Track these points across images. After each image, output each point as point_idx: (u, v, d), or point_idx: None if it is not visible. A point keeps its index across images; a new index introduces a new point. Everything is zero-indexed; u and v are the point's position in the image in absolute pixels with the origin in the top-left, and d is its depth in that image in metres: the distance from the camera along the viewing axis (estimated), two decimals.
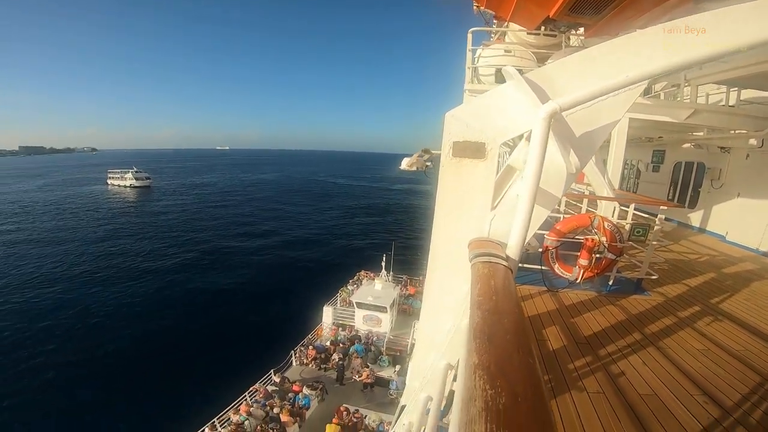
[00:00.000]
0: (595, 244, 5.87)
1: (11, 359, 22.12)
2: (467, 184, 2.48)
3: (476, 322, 1.30)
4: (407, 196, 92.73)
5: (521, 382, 0.93)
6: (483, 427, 0.75)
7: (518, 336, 1.19)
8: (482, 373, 0.96)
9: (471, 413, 0.82)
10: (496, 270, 1.87)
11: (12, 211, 67.15)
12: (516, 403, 0.84)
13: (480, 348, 1.12)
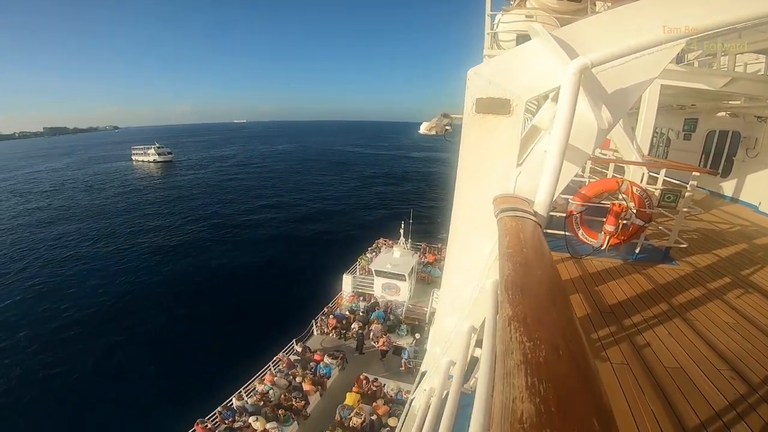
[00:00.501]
0: (622, 210, 5.60)
1: (50, 328, 23.53)
2: (491, 141, 2.44)
3: (507, 274, 1.25)
4: (425, 163, 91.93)
5: (561, 334, 0.88)
6: (523, 381, 0.71)
7: (553, 288, 1.15)
8: (518, 325, 0.92)
9: (508, 366, 0.77)
10: (525, 224, 1.82)
11: (42, 189, 69.95)
12: (557, 356, 0.79)
13: (513, 300, 1.07)
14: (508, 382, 0.73)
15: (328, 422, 11.72)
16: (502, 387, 0.74)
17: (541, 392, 0.68)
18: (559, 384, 0.71)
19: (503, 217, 1.93)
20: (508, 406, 0.67)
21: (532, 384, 0.70)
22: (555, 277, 1.25)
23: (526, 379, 0.72)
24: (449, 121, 6.29)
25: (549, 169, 1.94)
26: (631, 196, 5.70)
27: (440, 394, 2.50)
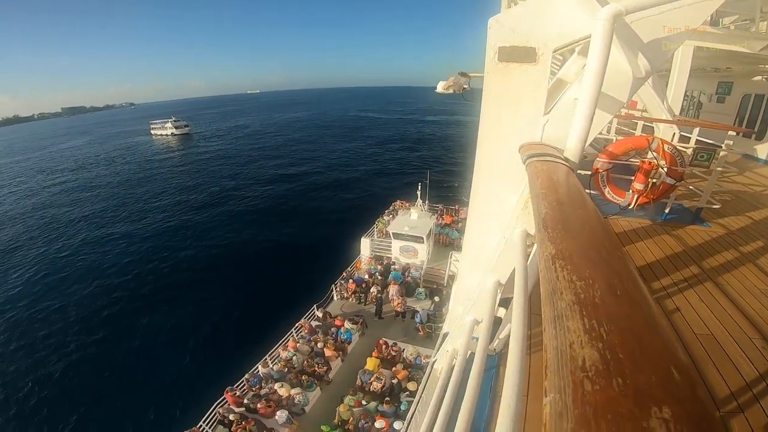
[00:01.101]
0: (652, 168, 5.34)
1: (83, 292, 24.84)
2: (516, 89, 2.34)
3: (544, 213, 1.18)
4: (441, 127, 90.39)
5: (615, 274, 0.79)
6: (580, 324, 0.64)
7: (598, 226, 1.06)
8: (564, 263, 0.85)
9: (559, 307, 0.71)
10: (557, 167, 1.74)
11: (67, 167, 71.72)
12: (615, 297, 0.71)
13: (555, 237, 0.99)
14: (561, 325, 0.66)
15: (349, 387, 11.97)
16: (554, 331, 0.66)
17: (603, 336, 0.60)
18: (624, 327, 0.63)
19: (532, 162, 1.86)
20: (565, 352, 0.60)
21: (590, 327, 0.63)
22: (598, 216, 1.15)
23: (582, 321, 0.65)
24: (467, 80, 6.09)
25: (580, 116, 1.85)
26: (662, 154, 5.42)
27: (464, 354, 2.47)
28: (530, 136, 2.39)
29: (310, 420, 11.29)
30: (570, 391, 0.52)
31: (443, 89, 6.43)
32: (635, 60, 2.04)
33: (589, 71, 1.76)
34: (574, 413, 0.48)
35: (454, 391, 2.07)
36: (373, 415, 10.64)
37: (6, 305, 24.38)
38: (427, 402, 3.65)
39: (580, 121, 1.86)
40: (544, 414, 0.53)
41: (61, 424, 15.35)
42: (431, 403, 2.32)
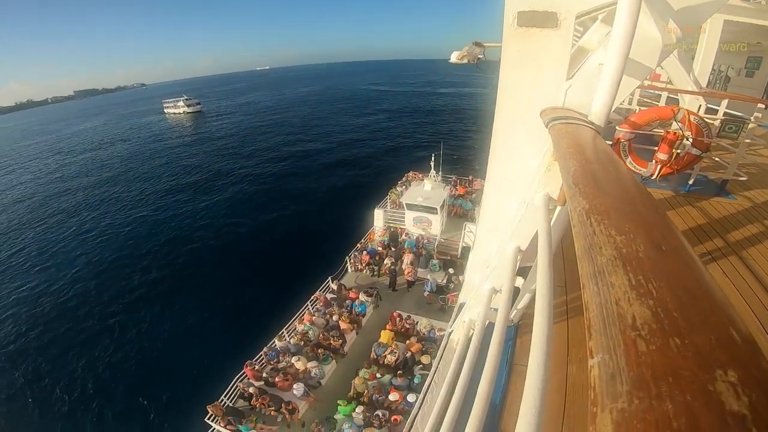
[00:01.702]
0: (677, 138, 5.18)
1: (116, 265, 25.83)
2: (536, 55, 2.31)
3: (573, 170, 1.15)
4: (454, 99, 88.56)
5: (657, 229, 0.75)
6: (625, 279, 0.60)
7: (632, 183, 1.03)
8: (600, 217, 0.81)
9: (599, 262, 0.67)
10: (582, 130, 1.70)
11: (84, 147, 73.03)
12: (661, 252, 0.66)
13: (587, 193, 0.96)
14: (604, 281, 0.62)
15: (363, 360, 12.10)
16: (596, 287, 0.62)
17: (653, 293, 0.56)
18: (674, 284, 0.58)
19: (556, 125, 1.82)
20: (611, 309, 0.56)
21: (637, 283, 0.58)
22: (630, 174, 1.11)
23: (627, 276, 0.60)
24: (481, 50, 5.93)
25: (606, 81, 1.78)
26: (687, 125, 5.26)
27: (482, 324, 2.47)
28: (551, 101, 2.35)
29: (326, 392, 11.54)
30: (621, 351, 0.49)
31: (457, 59, 6.32)
32: (665, 27, 2.01)
33: (616, 36, 1.69)
34: (630, 375, 0.45)
35: (472, 362, 2.06)
36: (387, 388, 10.82)
37: (32, 283, 25.39)
38: (443, 374, 3.65)
39: (606, 86, 1.79)
40: (591, 377, 0.49)
41: (83, 399, 16.06)
42: (448, 375, 2.33)
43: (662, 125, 5.82)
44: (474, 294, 3.59)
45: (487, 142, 2.88)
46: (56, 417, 15.50)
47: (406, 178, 23.53)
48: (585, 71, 2.25)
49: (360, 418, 10.12)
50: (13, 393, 16.84)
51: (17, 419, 15.62)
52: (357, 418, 10.17)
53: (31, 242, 31.79)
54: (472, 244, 16.54)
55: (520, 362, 3.28)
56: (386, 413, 10.11)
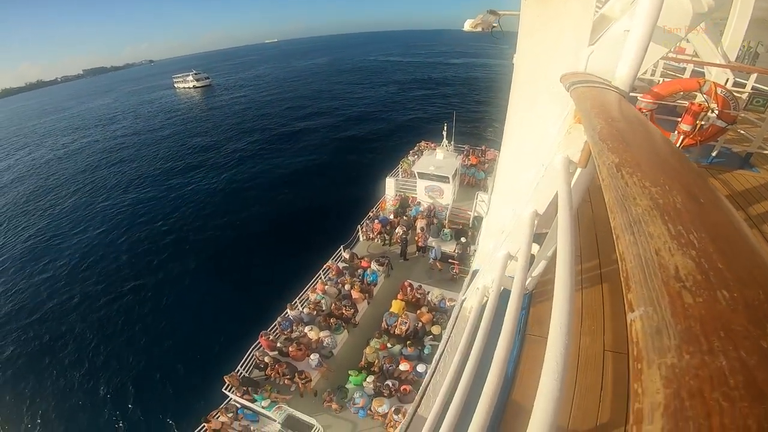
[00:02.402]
0: (702, 109, 5.07)
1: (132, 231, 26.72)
2: (556, 20, 2.26)
3: (599, 128, 1.11)
4: (466, 69, 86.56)
5: (693, 182, 0.72)
6: (664, 229, 0.58)
7: (662, 140, 1.01)
8: (632, 170, 0.79)
9: (634, 213, 0.65)
10: (606, 93, 1.64)
11: (98, 123, 73.98)
12: (699, 204, 0.64)
13: (616, 148, 0.93)
14: (641, 230, 0.59)
15: (374, 330, 12.25)
16: (632, 237, 0.60)
17: (695, 243, 0.53)
18: (716, 236, 0.55)
19: (578, 88, 1.77)
20: (651, 260, 0.53)
21: (677, 233, 0.56)
22: (658, 131, 1.07)
23: (666, 226, 0.58)
24: (496, 18, 5.75)
25: (633, 47, 1.71)
26: (714, 97, 5.16)
27: (497, 290, 2.44)
28: (570, 67, 2.30)
29: (338, 362, 11.77)
30: (666, 303, 0.46)
31: (470, 27, 6.18)
32: None
33: (643, 4, 1.62)
34: (677, 329, 0.43)
35: (486, 329, 2.04)
36: (397, 358, 10.98)
37: (53, 253, 26.22)
38: (456, 342, 3.67)
39: (632, 52, 1.74)
40: (633, 330, 0.47)
41: (99, 372, 16.67)
42: (461, 344, 2.33)
43: (686, 97, 5.68)
44: (488, 260, 3.56)
45: (501, 113, 2.91)
46: (73, 387, 16.20)
47: (418, 147, 23.35)
48: (609, 37, 2.18)
49: (370, 388, 10.36)
50: (33, 363, 17.64)
51: (37, 390, 16.31)
52: (367, 387, 10.40)
53: (49, 218, 32.70)
54: (484, 213, 16.45)
55: (533, 332, 3.25)
56: (396, 383, 10.31)
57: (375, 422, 9.97)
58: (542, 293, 3.62)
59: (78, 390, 16.07)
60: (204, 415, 10.45)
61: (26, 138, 73.08)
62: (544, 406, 1.13)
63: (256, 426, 10.82)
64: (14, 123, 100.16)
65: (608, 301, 3.50)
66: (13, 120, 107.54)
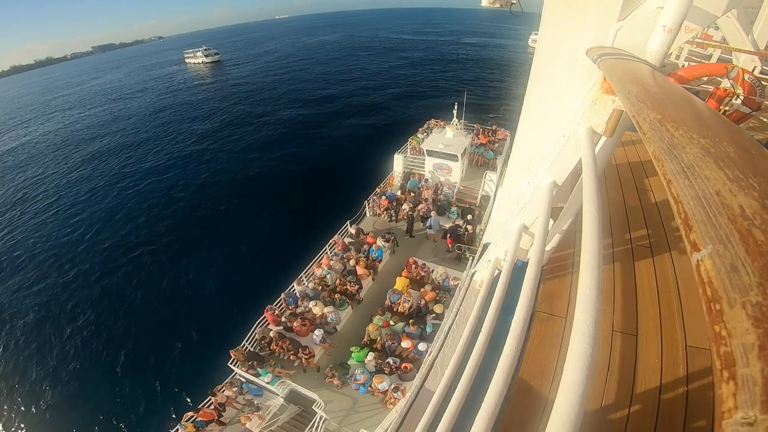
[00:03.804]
0: (727, 94, 5.00)
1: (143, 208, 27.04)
2: None
3: (636, 91, 1.08)
4: (480, 49, 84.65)
5: (741, 136, 0.73)
6: (721, 173, 0.58)
7: (701, 104, 0.99)
8: (676, 124, 0.79)
9: (685, 159, 0.65)
10: (637, 65, 1.60)
11: (110, 98, 74.42)
12: (751, 155, 0.66)
13: (656, 107, 0.91)
14: (695, 174, 0.60)
15: (378, 307, 12.28)
16: (687, 181, 0.59)
17: (755, 186, 0.54)
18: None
19: (607, 60, 1.75)
20: (712, 200, 0.53)
21: (735, 177, 0.56)
22: (696, 98, 1.07)
23: (723, 171, 0.59)
24: None
25: (667, 23, 1.71)
26: (740, 83, 5.08)
27: (511, 261, 2.44)
28: (596, 42, 2.31)
29: (341, 338, 11.87)
30: (737, 240, 0.44)
31: (488, 3, 6.04)
32: None
33: None
34: (755, 265, 0.40)
35: (499, 301, 1.99)
36: (399, 335, 11.05)
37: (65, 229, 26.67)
38: (466, 315, 3.66)
39: (666, 27, 1.74)
40: (703, 270, 0.45)
41: (108, 343, 17.10)
42: (471, 315, 2.31)
43: (709, 82, 5.53)
44: (501, 232, 3.55)
45: (514, 93, 2.89)
46: (82, 356, 16.69)
47: (427, 125, 23.16)
48: (640, 13, 2.14)
49: (372, 365, 10.46)
50: (44, 333, 18.12)
51: (46, 360, 16.79)
52: (369, 364, 10.50)
53: (64, 190, 33.26)
54: (492, 193, 16.26)
55: (542, 309, 3.24)
56: (397, 360, 10.41)
57: (374, 399, 10.10)
58: (553, 269, 3.60)
59: (83, 354, 16.69)
60: (211, 388, 10.74)
61: (41, 110, 74.50)
62: (570, 395, 1.08)
63: (260, 400, 11.07)
64: (25, 97, 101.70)
65: (619, 281, 3.52)
66: (24, 95, 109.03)
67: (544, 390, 2.62)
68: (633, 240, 4.06)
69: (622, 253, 3.86)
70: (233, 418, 10.75)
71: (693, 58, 10.50)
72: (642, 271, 3.66)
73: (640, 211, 4.50)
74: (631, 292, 3.40)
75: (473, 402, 1.55)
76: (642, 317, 3.19)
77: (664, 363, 2.82)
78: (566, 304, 3.35)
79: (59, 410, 14.72)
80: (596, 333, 1.17)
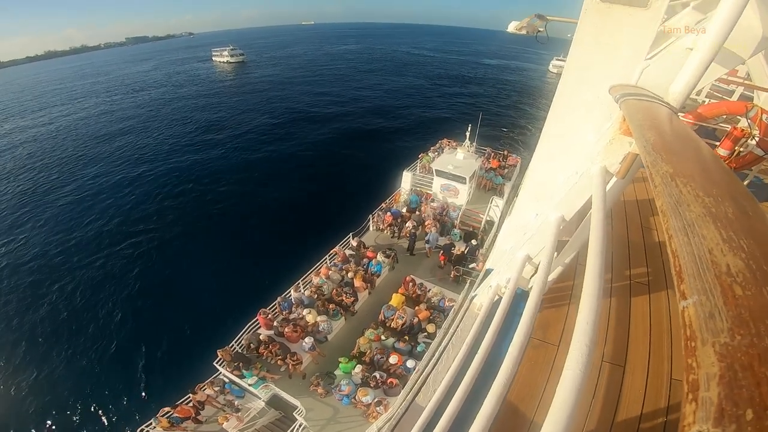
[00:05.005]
0: (743, 135, 4.93)
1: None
2: (615, 32, 2.31)
3: (653, 140, 1.15)
4: (499, 71, 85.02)
5: (741, 196, 0.82)
6: (717, 234, 0.66)
7: (711, 156, 1.06)
8: (686, 180, 0.85)
9: (688, 217, 0.73)
10: (658, 108, 1.66)
11: (135, 89, 75.89)
12: (748, 216, 0.73)
13: (670, 159, 0.99)
14: (694, 232, 0.67)
15: (371, 320, 12.27)
16: (686, 238, 0.67)
17: (744, 248, 0.62)
18: (762, 243, 0.64)
19: (629, 100, 1.79)
20: (704, 257, 0.61)
21: (728, 237, 0.64)
22: (708, 147, 1.14)
23: (718, 231, 0.66)
24: (543, 23, 5.66)
25: (693, 66, 1.74)
26: (758, 123, 4.99)
27: (513, 289, 2.48)
28: (621, 79, 2.33)
29: (331, 348, 11.81)
30: (718, 293, 0.53)
31: (515, 29, 6.13)
32: None
33: (716, 23, 1.62)
34: (729, 314, 0.49)
35: (497, 325, 2.03)
36: (389, 350, 11.01)
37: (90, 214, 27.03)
38: (462, 336, 3.73)
39: (692, 70, 1.75)
40: (686, 315, 0.53)
41: (98, 334, 17.05)
42: (469, 337, 2.32)
43: (727, 120, 5.50)
44: (505, 260, 3.63)
45: (530, 119, 2.91)
46: (75, 348, 16.60)
47: (439, 144, 23.23)
48: (668, 54, 2.18)
49: (358, 377, 10.39)
50: (35, 321, 18.07)
51: (34, 348, 16.70)
52: (355, 376, 10.43)
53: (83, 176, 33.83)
54: (497, 219, 16.26)
55: (536, 335, 3.34)
56: (384, 375, 10.34)
57: (356, 411, 10.01)
58: (550, 299, 3.70)
59: (72, 344, 16.69)
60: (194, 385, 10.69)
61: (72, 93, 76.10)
62: (559, 415, 1.15)
63: (241, 401, 10.96)
64: (57, 82, 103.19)
65: (614, 315, 3.64)
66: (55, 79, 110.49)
67: (529, 413, 2.75)
68: (632, 276, 4.14)
69: (620, 288, 3.97)
70: (211, 417, 10.64)
71: (715, 93, 10.48)
72: (637, 307, 3.76)
73: (642, 248, 4.53)
74: (624, 326, 3.54)
75: (463, 420, 1.59)
76: (632, 350, 3.31)
77: (647, 394, 2.94)
78: (560, 332, 3.46)
79: (39, 395, 14.69)
80: (589, 362, 1.23)
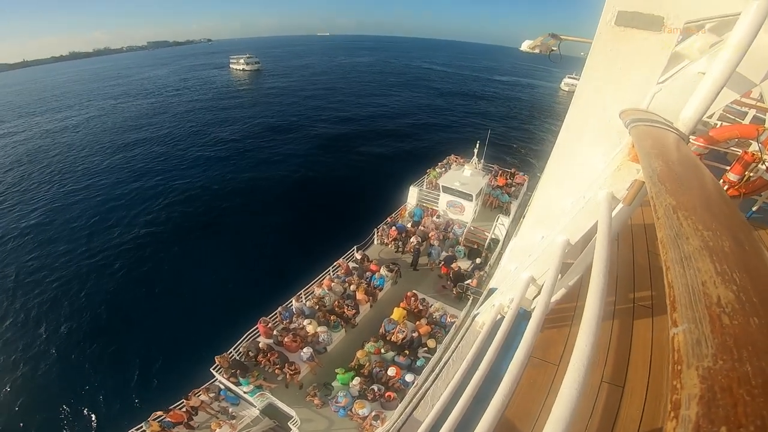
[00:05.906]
0: (753, 159, 4.86)
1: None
2: (629, 55, 2.30)
3: (660, 170, 1.18)
4: (509, 88, 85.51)
5: (739, 230, 0.85)
6: (711, 266, 0.69)
7: (715, 188, 1.10)
8: (687, 213, 0.89)
9: (686, 250, 0.76)
10: (666, 134, 1.67)
11: (152, 92, 78.02)
12: (744, 249, 0.76)
13: (674, 191, 1.03)
14: (690, 265, 0.71)
15: (371, 333, 12.22)
16: (682, 270, 0.71)
17: (736, 281, 0.65)
18: (754, 276, 0.67)
19: (639, 126, 1.82)
20: (697, 289, 0.65)
21: (722, 270, 0.68)
22: (713, 178, 1.17)
23: (713, 265, 0.69)
24: (557, 42, 5.71)
25: (705, 91, 1.71)
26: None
27: (516, 309, 2.49)
28: (632, 103, 2.33)
29: (329, 359, 11.74)
30: (707, 322, 0.57)
31: (528, 48, 6.19)
32: None
33: (729, 48, 1.60)
34: (714, 341, 0.53)
35: (498, 344, 2.05)
36: (388, 364, 10.91)
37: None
38: (463, 353, 3.75)
39: (704, 95, 1.73)
40: (675, 342, 0.57)
41: (95, 335, 17.11)
42: (470, 354, 2.31)
43: (738, 144, 5.48)
44: (509, 280, 3.64)
45: (540, 138, 2.88)
46: (73, 346, 16.69)
47: (447, 160, 23.28)
48: (680, 78, 2.19)
49: (356, 389, 10.30)
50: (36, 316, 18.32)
51: (33, 345, 16.81)
52: (353, 388, 10.34)
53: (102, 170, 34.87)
54: (501, 237, 16.16)
55: (536, 354, 3.35)
56: (382, 388, 10.23)
57: (352, 423, 9.88)
58: (552, 320, 3.71)
59: (73, 345, 16.75)
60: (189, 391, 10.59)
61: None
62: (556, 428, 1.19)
63: (235, 409, 10.86)
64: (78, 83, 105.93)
65: (615, 337, 3.66)
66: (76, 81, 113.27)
67: (526, 431, 2.79)
68: (636, 299, 4.12)
69: (623, 311, 3.96)
70: (204, 423, 10.55)
71: (727, 115, 10.37)
72: (639, 330, 3.75)
73: (648, 272, 4.50)
74: (626, 348, 3.55)
75: None
76: (631, 372, 3.31)
77: (644, 416, 2.94)
78: (560, 353, 3.46)
79: (30, 393, 14.73)
80: (586, 382, 1.26)
